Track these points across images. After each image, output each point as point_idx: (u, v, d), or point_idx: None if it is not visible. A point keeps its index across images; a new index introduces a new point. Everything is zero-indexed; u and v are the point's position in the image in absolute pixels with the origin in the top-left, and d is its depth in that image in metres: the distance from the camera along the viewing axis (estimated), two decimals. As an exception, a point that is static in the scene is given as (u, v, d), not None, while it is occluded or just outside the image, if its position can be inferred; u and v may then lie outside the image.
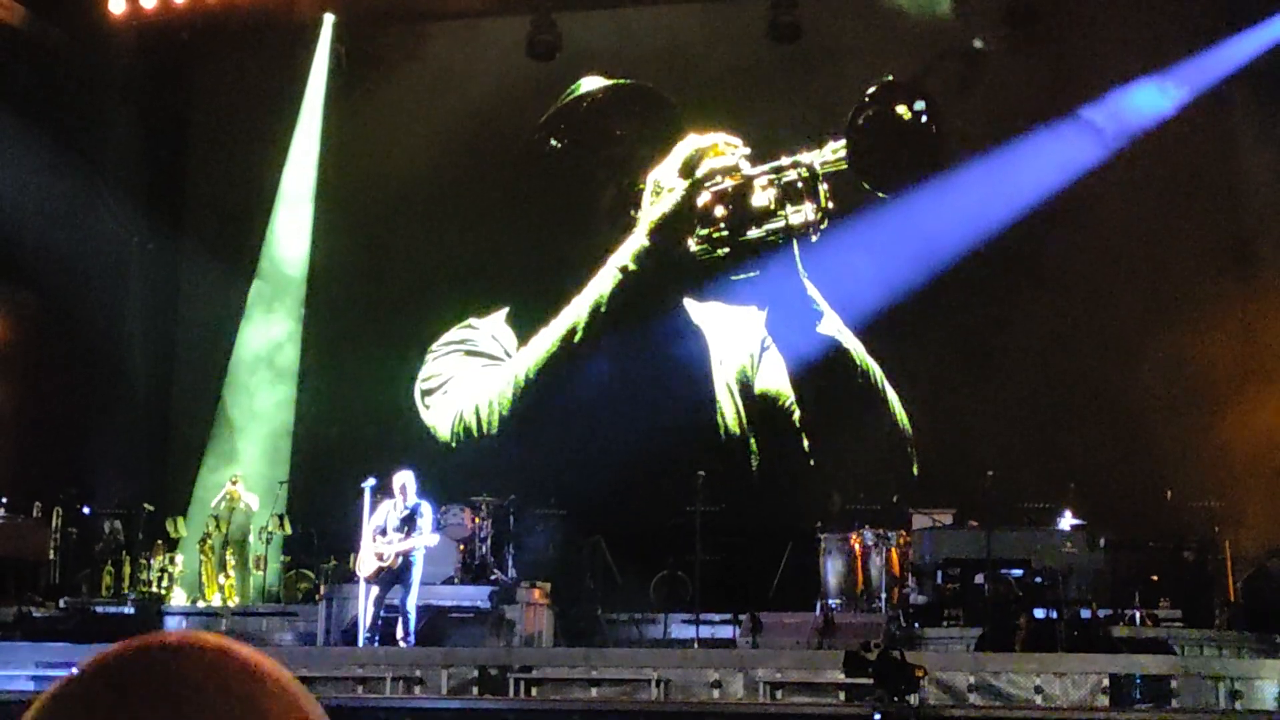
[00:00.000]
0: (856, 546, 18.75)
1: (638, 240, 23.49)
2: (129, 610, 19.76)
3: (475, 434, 23.75)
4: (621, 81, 24.30)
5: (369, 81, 25.12)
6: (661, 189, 23.46)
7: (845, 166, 22.53)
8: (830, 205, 22.55)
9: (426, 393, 24.19)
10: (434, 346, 24.33)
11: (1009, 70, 22.68)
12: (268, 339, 24.88)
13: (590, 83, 24.39)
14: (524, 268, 24.29)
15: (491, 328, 24.23)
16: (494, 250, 24.34)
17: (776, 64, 23.73)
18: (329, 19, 25.11)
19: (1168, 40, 21.78)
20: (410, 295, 24.48)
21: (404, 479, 16.95)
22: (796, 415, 22.65)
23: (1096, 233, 21.97)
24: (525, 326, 24.02)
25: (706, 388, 23.13)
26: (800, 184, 22.65)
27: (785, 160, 22.82)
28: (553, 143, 24.30)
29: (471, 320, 24.32)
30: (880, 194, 22.52)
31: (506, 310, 24.22)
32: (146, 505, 22.30)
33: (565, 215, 24.21)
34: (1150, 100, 21.61)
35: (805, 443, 22.53)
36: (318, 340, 24.83)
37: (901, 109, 22.79)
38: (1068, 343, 22.00)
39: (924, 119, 22.64)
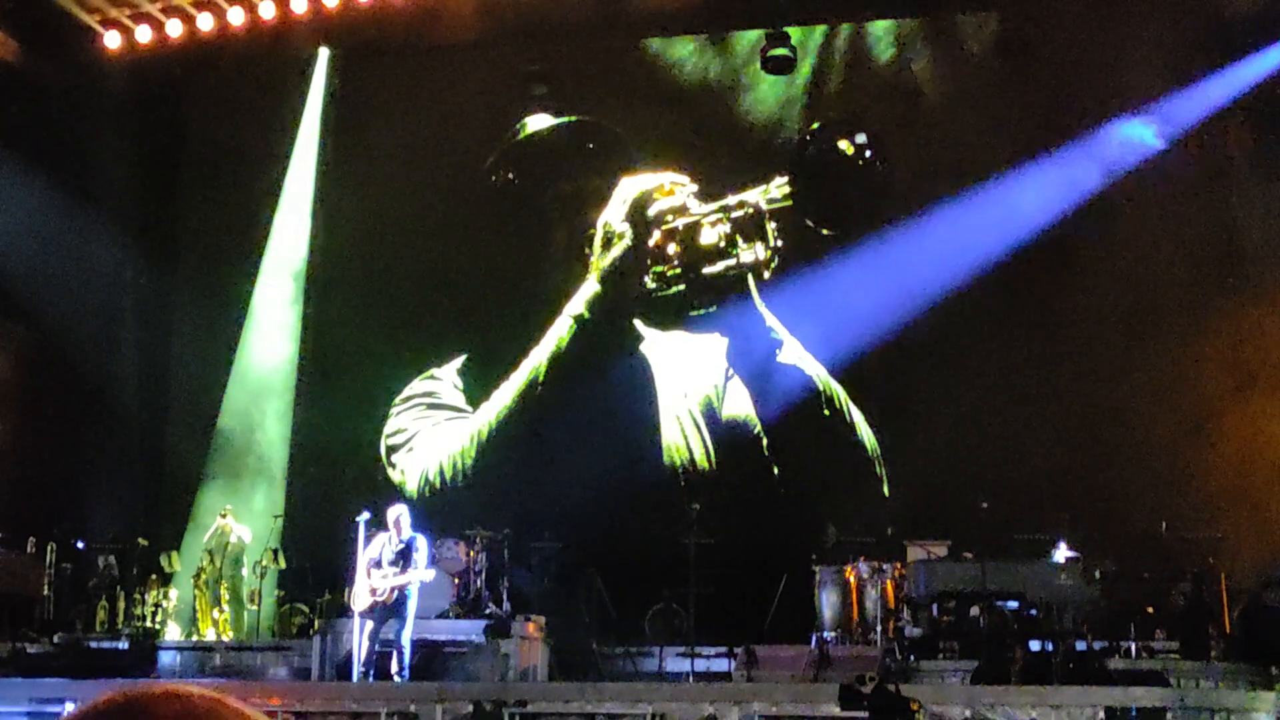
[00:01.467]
0: (851, 579, 18.77)
1: (590, 288, 23.42)
2: (123, 645, 19.70)
3: (439, 488, 23.61)
4: (568, 119, 24.28)
5: (364, 115, 25.18)
6: (611, 232, 23.32)
7: (789, 203, 22.44)
8: (779, 244, 22.35)
9: (392, 449, 24.01)
10: (397, 401, 24.22)
11: (1001, 100, 22.78)
12: (262, 372, 24.86)
13: (537, 121, 24.36)
14: (479, 312, 24.27)
15: (452, 377, 24.17)
16: (455, 294, 24.36)
17: (728, 101, 23.87)
18: (324, 53, 25.19)
19: (1161, 71, 21.83)
20: (398, 332, 24.47)
21: (398, 512, 16.96)
22: (764, 443, 22.59)
23: (1087, 263, 22.00)
24: (479, 373, 23.98)
25: (665, 419, 23.16)
26: (748, 222, 22.58)
27: (731, 199, 22.64)
28: (507, 178, 24.23)
29: (434, 371, 24.24)
30: (825, 232, 22.38)
31: (464, 358, 24.17)
32: (141, 540, 22.27)
33: (518, 257, 24.16)
34: (1137, 136, 21.70)
35: (775, 471, 22.48)
36: (312, 373, 24.82)
37: (844, 144, 22.66)
38: (1060, 373, 22.02)
39: (867, 153, 22.48)
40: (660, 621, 20.34)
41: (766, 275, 22.46)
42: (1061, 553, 19.06)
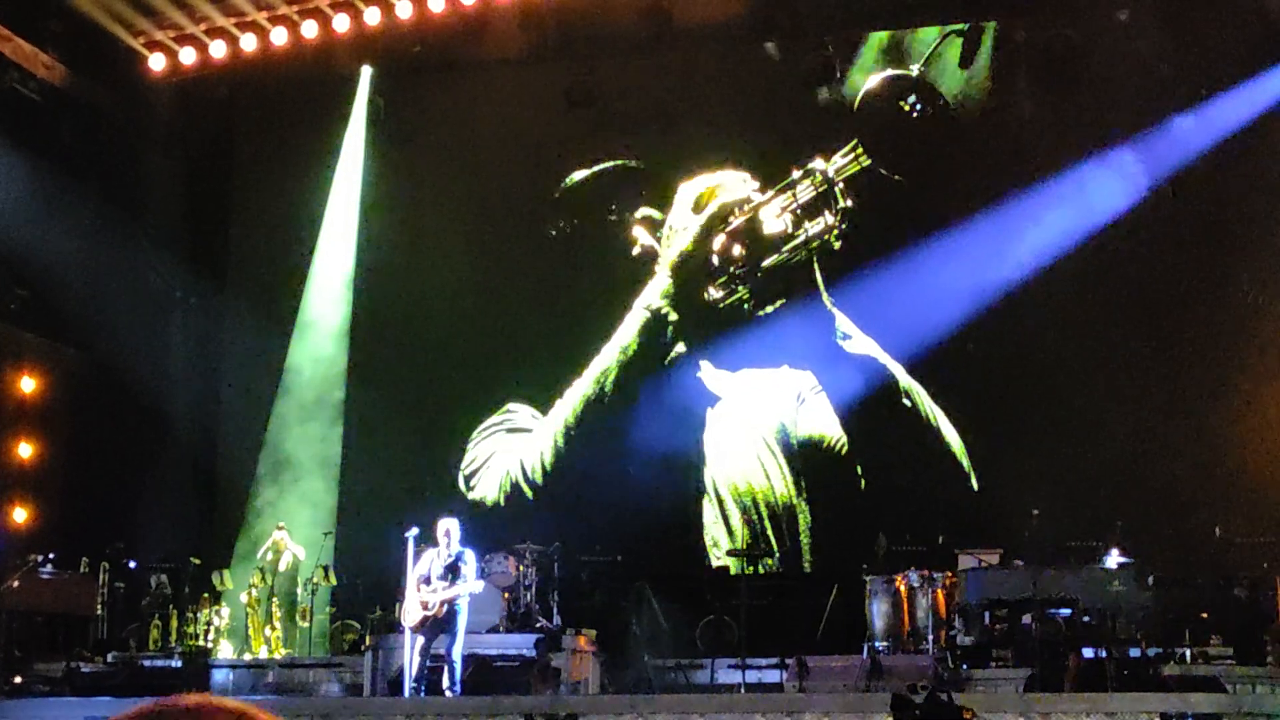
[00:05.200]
0: (902, 588, 18.67)
1: (661, 280, 23.62)
2: (176, 664, 19.81)
3: (524, 489, 23.67)
4: (605, 165, 24.35)
5: (408, 132, 25.27)
6: (674, 229, 23.61)
7: (859, 167, 22.74)
8: (848, 204, 22.69)
9: (470, 475, 24.12)
10: (474, 435, 24.25)
11: (1044, 112, 22.70)
12: (311, 390, 24.93)
13: (576, 175, 24.52)
14: (544, 351, 24.42)
15: (527, 407, 24.22)
16: (505, 309, 24.58)
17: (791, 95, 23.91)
18: (367, 71, 25.27)
19: (1200, 79, 21.71)
20: (447, 347, 24.51)
21: (447, 526, 16.96)
22: (845, 449, 22.49)
23: (1139, 268, 21.90)
24: (547, 395, 24.07)
25: (745, 449, 23.10)
26: (815, 196, 22.78)
27: (796, 174, 23.05)
28: (560, 228, 24.42)
29: (509, 405, 24.29)
30: (898, 179, 22.60)
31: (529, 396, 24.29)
32: (193, 559, 22.36)
33: (582, 296, 24.42)
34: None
35: (859, 469, 22.38)
36: (361, 389, 24.87)
37: (901, 103, 23.01)
38: (1110, 378, 21.87)
39: (919, 107, 22.85)
40: (711, 633, 20.31)
41: (836, 244, 22.65)
42: (1114, 559, 18.91)
